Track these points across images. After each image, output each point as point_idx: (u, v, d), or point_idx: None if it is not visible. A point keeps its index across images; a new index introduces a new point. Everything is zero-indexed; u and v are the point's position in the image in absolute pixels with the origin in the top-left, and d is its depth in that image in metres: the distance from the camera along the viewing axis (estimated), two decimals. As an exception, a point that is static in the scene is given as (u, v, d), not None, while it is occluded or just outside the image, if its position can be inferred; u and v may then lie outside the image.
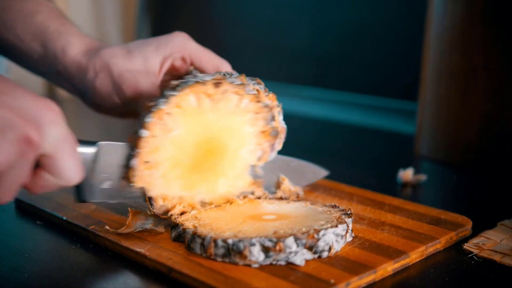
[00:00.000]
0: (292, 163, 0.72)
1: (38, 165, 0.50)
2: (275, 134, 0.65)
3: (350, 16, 1.28)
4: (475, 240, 0.60)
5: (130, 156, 0.58)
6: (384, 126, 1.16)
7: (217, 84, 0.60)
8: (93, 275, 0.54)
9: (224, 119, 0.62)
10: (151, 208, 0.60)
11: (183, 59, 0.70)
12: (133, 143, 0.58)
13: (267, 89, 0.64)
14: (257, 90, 0.63)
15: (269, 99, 0.64)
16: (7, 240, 0.63)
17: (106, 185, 0.59)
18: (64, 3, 1.54)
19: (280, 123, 0.66)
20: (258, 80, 0.64)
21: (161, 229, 0.60)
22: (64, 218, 0.64)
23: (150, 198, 0.60)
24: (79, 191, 0.58)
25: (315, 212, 0.60)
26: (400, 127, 1.14)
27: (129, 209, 0.60)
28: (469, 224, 0.63)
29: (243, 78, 0.62)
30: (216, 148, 0.63)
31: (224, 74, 0.61)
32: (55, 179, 0.50)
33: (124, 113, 0.73)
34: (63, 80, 0.73)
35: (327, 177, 0.78)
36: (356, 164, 0.78)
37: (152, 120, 0.57)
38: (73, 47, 0.70)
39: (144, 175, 0.59)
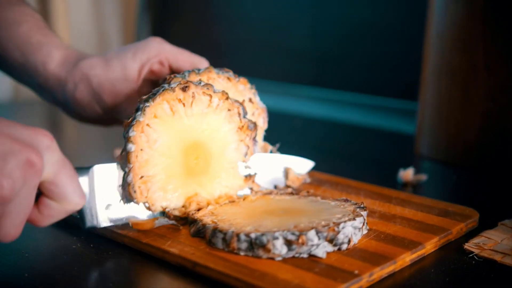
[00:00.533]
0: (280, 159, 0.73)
1: (41, 195, 0.50)
2: (252, 127, 0.66)
3: (350, 16, 1.28)
4: (475, 240, 0.60)
5: (124, 173, 0.59)
6: (385, 126, 1.17)
7: (184, 89, 0.61)
8: (93, 275, 0.54)
9: (201, 122, 0.63)
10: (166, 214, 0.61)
11: (161, 63, 0.71)
12: (123, 160, 0.59)
13: (237, 75, 0.67)
14: (228, 78, 0.66)
15: (241, 83, 0.67)
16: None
17: (110, 209, 0.59)
18: (64, 3, 1.53)
19: (258, 104, 0.68)
20: (226, 68, 0.66)
21: (179, 224, 0.60)
22: (78, 216, 0.64)
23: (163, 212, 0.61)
24: (84, 219, 0.58)
25: (329, 206, 0.62)
26: (400, 126, 1.14)
27: (130, 221, 0.60)
28: (476, 216, 0.65)
29: (211, 69, 0.64)
30: (202, 152, 0.63)
31: (192, 70, 0.64)
32: (60, 205, 0.51)
33: (106, 120, 0.74)
34: (44, 92, 0.74)
35: (331, 172, 0.79)
36: (356, 163, 0.78)
37: (134, 133, 0.58)
38: (53, 60, 0.71)
39: (143, 190, 0.59)
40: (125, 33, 1.68)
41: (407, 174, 0.81)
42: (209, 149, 0.64)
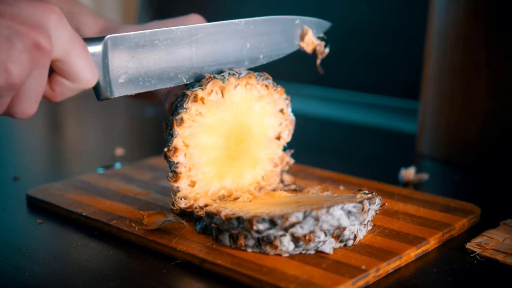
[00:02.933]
0: (296, 20, 0.69)
1: (53, 72, 0.49)
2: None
3: (351, 14, 1.28)
4: (477, 240, 0.60)
5: (169, 140, 0.60)
6: (386, 125, 1.17)
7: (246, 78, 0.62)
8: (94, 274, 0.54)
9: (247, 107, 0.64)
10: (174, 205, 0.61)
11: None
12: (170, 127, 0.60)
13: (275, 83, 0.66)
14: (266, 85, 0.65)
15: (278, 92, 0.66)
16: (8, 239, 0.63)
17: (122, 79, 0.57)
18: None
19: (289, 115, 0.68)
20: (266, 74, 0.65)
21: (184, 222, 0.61)
22: (84, 214, 0.64)
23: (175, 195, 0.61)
24: (99, 91, 0.56)
25: (342, 197, 0.60)
26: (401, 125, 1.14)
27: (142, 213, 0.60)
28: (477, 211, 0.65)
29: (252, 75, 0.63)
30: (244, 136, 0.64)
31: (233, 74, 0.62)
32: (72, 83, 0.49)
33: (146, 97, 0.71)
34: None
35: (332, 169, 0.80)
36: (357, 162, 0.78)
37: (188, 105, 0.59)
38: (88, 28, 0.68)
39: (188, 154, 0.60)
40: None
41: (409, 173, 0.81)
42: (250, 132, 0.65)
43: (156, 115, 1.24)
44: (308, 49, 0.69)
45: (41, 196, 0.70)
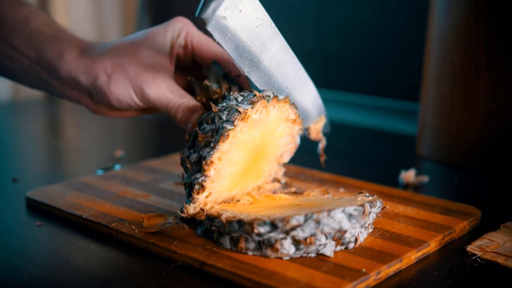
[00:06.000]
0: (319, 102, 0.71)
1: None
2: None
3: (351, 16, 1.28)
4: (478, 242, 0.60)
5: (203, 151, 0.59)
6: (386, 127, 1.16)
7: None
8: (93, 276, 0.54)
9: (274, 126, 0.64)
10: (183, 211, 0.60)
11: (186, 46, 0.68)
12: (208, 139, 0.59)
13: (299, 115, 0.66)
14: (295, 113, 0.65)
15: (297, 123, 0.66)
16: (8, 241, 0.63)
17: (223, 14, 0.56)
18: (64, 2, 1.53)
19: (297, 141, 0.68)
20: (295, 104, 0.65)
21: (184, 225, 0.61)
22: (83, 216, 0.64)
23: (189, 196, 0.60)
24: (206, 7, 0.56)
25: (343, 200, 0.60)
26: (401, 127, 1.14)
27: (142, 215, 0.60)
28: (478, 214, 0.65)
29: (288, 99, 0.63)
30: (261, 151, 0.64)
31: (276, 95, 0.62)
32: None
33: (142, 111, 0.70)
34: (64, 88, 0.70)
35: (332, 171, 0.80)
36: (357, 164, 0.78)
37: (237, 123, 0.58)
38: (71, 50, 0.68)
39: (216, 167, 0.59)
40: (124, 33, 1.67)
41: (409, 175, 0.81)
42: (267, 149, 0.65)
43: (155, 117, 1.24)
44: (312, 135, 0.71)
45: (40, 198, 0.70)
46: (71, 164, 0.99)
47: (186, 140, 0.62)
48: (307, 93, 0.70)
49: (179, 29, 0.67)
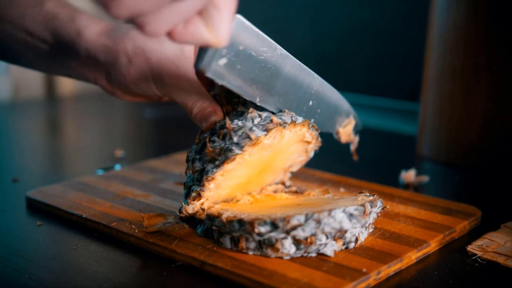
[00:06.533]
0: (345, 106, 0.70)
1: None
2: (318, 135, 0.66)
3: (351, 16, 1.28)
4: (478, 242, 0.60)
5: (208, 164, 0.58)
6: (386, 127, 1.16)
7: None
8: (93, 276, 0.54)
9: (286, 146, 0.63)
10: (182, 211, 0.60)
11: None
12: (215, 155, 0.58)
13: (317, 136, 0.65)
14: (313, 136, 0.63)
15: (316, 144, 0.66)
16: (8, 241, 0.63)
17: (222, 62, 0.54)
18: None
19: (310, 155, 0.68)
20: (315, 126, 0.63)
21: (184, 224, 0.61)
22: (83, 216, 0.64)
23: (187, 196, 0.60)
24: (202, 58, 0.53)
25: (344, 200, 0.60)
26: (402, 127, 1.14)
27: (142, 215, 0.60)
28: (478, 214, 0.65)
29: (307, 123, 0.61)
30: (267, 166, 0.63)
31: (294, 120, 0.61)
32: (208, 32, 0.47)
33: (157, 98, 0.68)
34: (81, 67, 0.67)
35: (333, 171, 0.80)
36: (357, 164, 0.78)
37: (250, 142, 0.57)
38: (90, 29, 0.65)
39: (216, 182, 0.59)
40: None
41: (409, 175, 0.81)
42: (273, 163, 0.64)
43: (155, 117, 1.24)
44: (343, 139, 0.70)
45: (40, 198, 0.70)
46: (71, 164, 0.99)
47: (196, 142, 0.61)
48: (332, 92, 0.68)
49: None
